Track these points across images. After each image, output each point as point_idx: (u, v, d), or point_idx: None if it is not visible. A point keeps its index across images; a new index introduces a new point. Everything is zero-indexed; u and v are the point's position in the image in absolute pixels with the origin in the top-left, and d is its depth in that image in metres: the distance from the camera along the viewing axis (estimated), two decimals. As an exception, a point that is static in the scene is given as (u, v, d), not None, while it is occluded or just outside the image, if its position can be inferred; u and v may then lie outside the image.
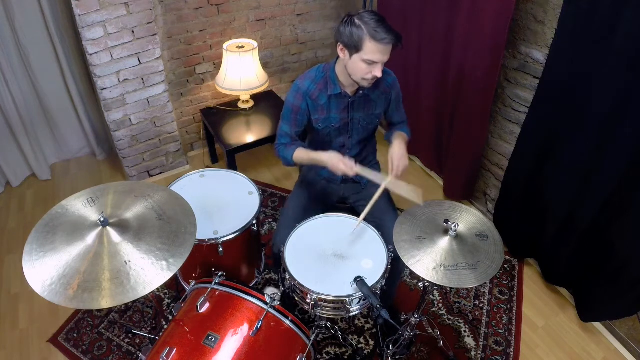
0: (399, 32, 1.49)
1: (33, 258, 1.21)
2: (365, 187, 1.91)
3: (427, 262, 1.34)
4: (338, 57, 1.61)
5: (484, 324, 2.09)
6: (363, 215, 1.65)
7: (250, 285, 1.53)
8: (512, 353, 1.98)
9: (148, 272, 1.20)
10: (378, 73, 1.50)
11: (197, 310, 1.37)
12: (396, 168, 1.62)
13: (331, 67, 1.66)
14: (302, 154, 1.73)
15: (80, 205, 1.37)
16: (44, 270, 1.19)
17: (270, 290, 1.45)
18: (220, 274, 1.46)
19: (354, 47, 1.48)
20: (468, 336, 2.04)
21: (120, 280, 1.17)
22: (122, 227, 1.30)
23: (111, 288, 1.16)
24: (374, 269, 1.52)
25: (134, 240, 1.27)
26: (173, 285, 2.20)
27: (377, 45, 1.44)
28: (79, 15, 2.17)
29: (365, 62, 1.49)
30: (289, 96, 1.71)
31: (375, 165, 1.99)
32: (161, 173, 2.97)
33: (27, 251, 1.23)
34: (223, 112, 2.90)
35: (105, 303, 1.14)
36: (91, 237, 1.26)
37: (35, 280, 1.17)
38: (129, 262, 1.21)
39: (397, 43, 1.48)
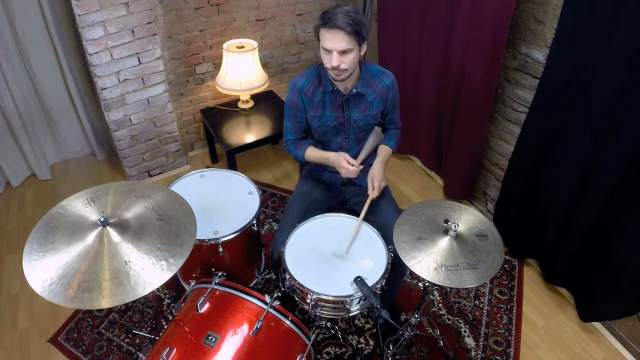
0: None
1: (33, 258, 1.21)
2: (365, 190, 1.91)
3: (428, 263, 1.34)
4: None
5: (484, 324, 2.09)
6: (359, 221, 1.67)
7: (250, 285, 1.53)
8: (512, 353, 1.98)
9: (148, 272, 1.20)
10: (334, 62, 1.53)
11: (197, 310, 1.37)
12: (377, 189, 1.70)
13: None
14: (313, 153, 1.79)
15: (80, 205, 1.37)
16: (44, 270, 1.19)
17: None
18: (220, 274, 1.46)
19: (317, 38, 1.55)
20: (468, 336, 2.04)
21: (120, 280, 1.17)
22: (122, 227, 1.30)
23: (111, 288, 1.16)
24: (374, 269, 1.52)
25: (134, 240, 1.27)
26: (173, 285, 2.20)
27: (325, 31, 1.50)
28: (79, 15, 2.17)
29: (324, 51, 1.54)
30: (288, 93, 1.76)
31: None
32: (161, 173, 2.97)
33: (27, 251, 1.23)
34: (223, 112, 2.90)
35: (105, 303, 1.14)
36: (91, 237, 1.26)
37: (35, 280, 1.17)
38: (129, 262, 1.21)
39: (347, 29, 1.46)
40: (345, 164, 1.65)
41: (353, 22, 1.47)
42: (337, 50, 1.51)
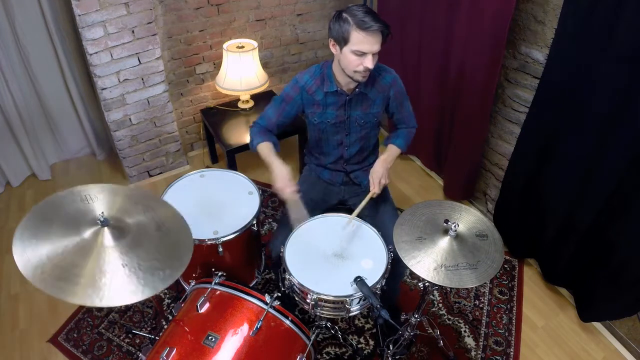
0: (396, 30, 1.50)
1: (25, 235, 1.21)
2: (365, 190, 1.91)
3: (428, 263, 1.34)
4: None
5: (484, 324, 2.09)
6: (354, 214, 1.67)
7: (250, 285, 1.53)
8: (512, 353, 1.98)
9: (127, 286, 1.18)
10: (369, 64, 1.51)
11: (197, 310, 1.37)
12: (376, 185, 1.68)
13: (329, 64, 1.68)
14: (264, 150, 1.73)
15: (82, 199, 1.34)
16: (33, 250, 1.18)
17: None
18: (220, 274, 1.46)
19: (343, 40, 1.50)
20: (468, 336, 2.04)
21: (101, 281, 1.16)
22: (119, 232, 1.27)
23: (84, 286, 1.14)
24: (374, 269, 1.52)
25: (124, 249, 1.25)
26: (173, 285, 2.19)
27: (364, 35, 1.46)
28: (79, 15, 2.17)
29: (354, 54, 1.50)
30: (287, 86, 1.74)
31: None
32: (161, 173, 2.97)
33: (21, 227, 1.22)
34: (223, 112, 2.90)
35: (76, 299, 1.12)
36: (86, 233, 1.24)
37: (22, 256, 1.17)
38: (126, 265, 1.20)
39: (385, 31, 1.48)
40: (281, 184, 1.62)
41: (385, 23, 1.47)
42: (373, 53, 1.51)
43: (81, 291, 1.14)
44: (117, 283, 1.18)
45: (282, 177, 1.64)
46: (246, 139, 2.64)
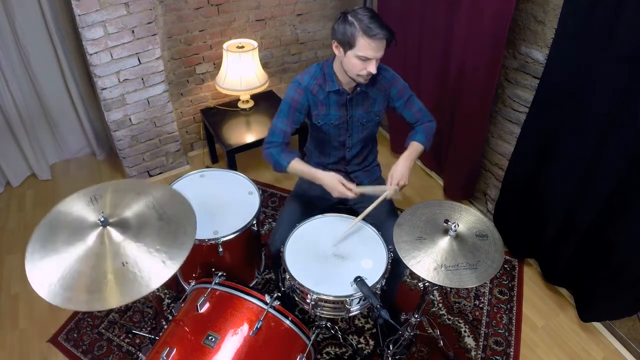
0: (397, 29, 1.50)
1: (35, 258, 1.21)
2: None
3: (428, 263, 1.34)
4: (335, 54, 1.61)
5: (484, 324, 2.09)
6: (359, 218, 1.66)
7: (250, 285, 1.53)
8: (512, 353, 1.98)
9: (146, 272, 1.20)
10: (372, 69, 1.51)
11: (197, 310, 1.37)
12: (394, 185, 1.63)
13: (329, 64, 1.67)
14: (299, 166, 1.68)
15: (79, 206, 1.35)
16: (49, 275, 1.18)
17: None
18: (220, 274, 1.46)
19: (348, 44, 1.50)
20: (468, 336, 2.04)
21: (126, 278, 1.18)
22: (122, 226, 1.29)
23: (114, 288, 1.16)
24: (374, 269, 1.52)
25: (134, 239, 1.27)
26: (173, 285, 2.20)
27: (370, 41, 1.46)
28: (79, 15, 2.17)
29: (359, 59, 1.50)
30: (289, 91, 1.70)
31: (376, 168, 1.99)
32: (161, 173, 2.97)
33: (29, 256, 1.22)
34: (223, 112, 2.90)
35: (113, 303, 1.14)
36: (91, 238, 1.25)
37: (40, 285, 1.16)
38: (126, 263, 1.21)
39: (391, 39, 1.49)
40: (342, 189, 1.57)
41: (390, 29, 1.47)
42: (377, 58, 1.51)
43: (109, 294, 1.15)
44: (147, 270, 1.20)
45: (336, 182, 1.59)
46: (246, 139, 2.64)
